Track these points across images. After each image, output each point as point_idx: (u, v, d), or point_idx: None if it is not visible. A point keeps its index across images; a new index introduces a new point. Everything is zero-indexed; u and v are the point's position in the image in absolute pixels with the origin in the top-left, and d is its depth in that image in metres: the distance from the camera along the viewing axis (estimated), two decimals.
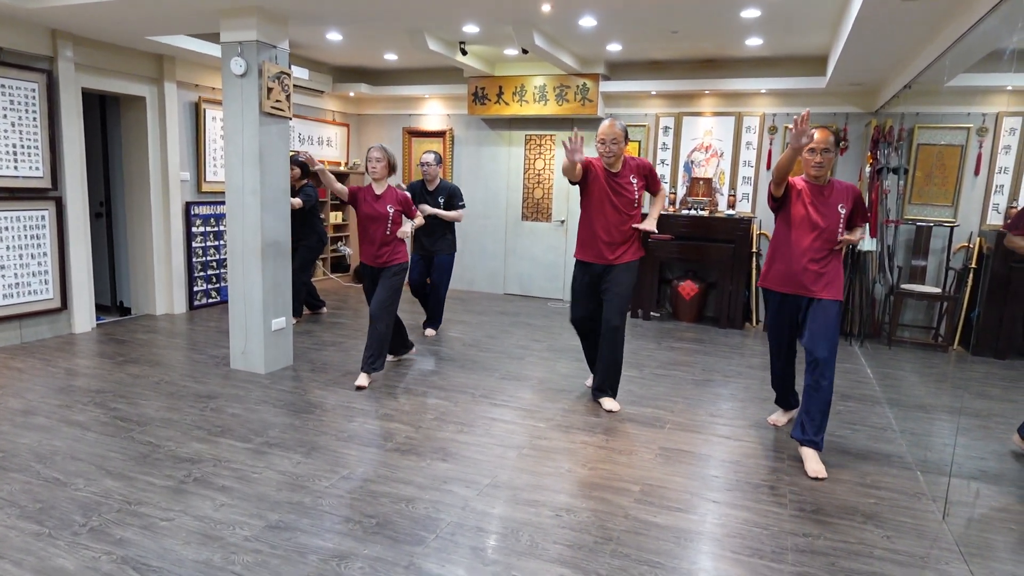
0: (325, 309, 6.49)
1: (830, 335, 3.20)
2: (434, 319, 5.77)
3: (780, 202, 3.36)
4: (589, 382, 4.29)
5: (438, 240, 5.49)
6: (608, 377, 4.00)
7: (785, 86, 6.22)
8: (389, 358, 4.81)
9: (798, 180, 3.36)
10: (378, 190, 4.24)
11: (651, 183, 3.96)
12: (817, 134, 3.14)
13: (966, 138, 5.93)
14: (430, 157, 5.43)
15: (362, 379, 4.27)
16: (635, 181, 3.87)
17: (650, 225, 3.89)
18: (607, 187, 3.84)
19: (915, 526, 2.75)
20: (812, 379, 3.21)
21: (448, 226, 5.53)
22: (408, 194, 4.37)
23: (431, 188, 5.47)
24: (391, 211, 4.21)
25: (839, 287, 3.29)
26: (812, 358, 3.21)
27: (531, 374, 4.71)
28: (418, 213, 4.42)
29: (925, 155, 6.09)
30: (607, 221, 3.85)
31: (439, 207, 5.40)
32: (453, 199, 5.46)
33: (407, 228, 4.28)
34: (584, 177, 3.84)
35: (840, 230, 3.29)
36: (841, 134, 3.25)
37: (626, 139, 3.85)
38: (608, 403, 4.00)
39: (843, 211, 3.28)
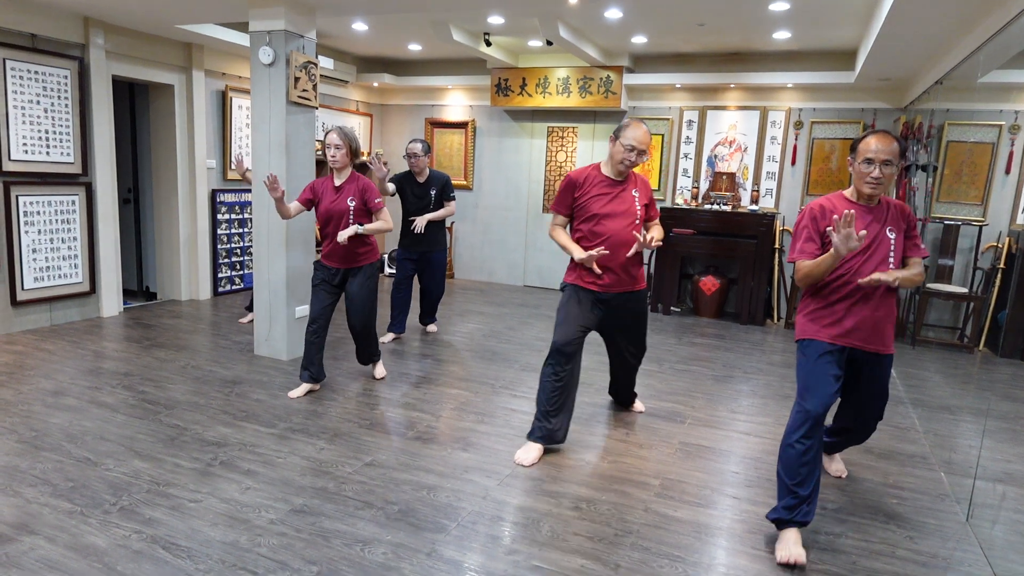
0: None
1: None
2: (432, 315, 5.51)
3: None
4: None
5: (432, 238, 5.06)
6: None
7: (812, 80, 6.14)
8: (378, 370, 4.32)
9: (830, 200, 2.62)
10: (338, 181, 3.77)
11: (651, 207, 3.38)
12: (877, 141, 2.46)
13: (997, 136, 5.82)
14: (417, 147, 4.88)
15: (378, 370, 4.27)
16: (637, 195, 3.27)
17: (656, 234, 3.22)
18: (612, 199, 3.23)
19: (938, 527, 2.73)
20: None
21: (441, 222, 5.11)
22: (370, 181, 3.83)
23: (420, 180, 4.98)
24: (351, 204, 3.73)
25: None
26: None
27: None
28: (353, 228, 3.74)
29: (955, 152, 5.99)
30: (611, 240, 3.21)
31: (430, 200, 4.97)
32: (446, 190, 5.03)
33: (347, 233, 3.67)
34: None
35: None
36: (904, 144, 2.53)
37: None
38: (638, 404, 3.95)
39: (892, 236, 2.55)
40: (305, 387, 3.92)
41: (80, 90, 5.11)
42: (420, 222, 4.85)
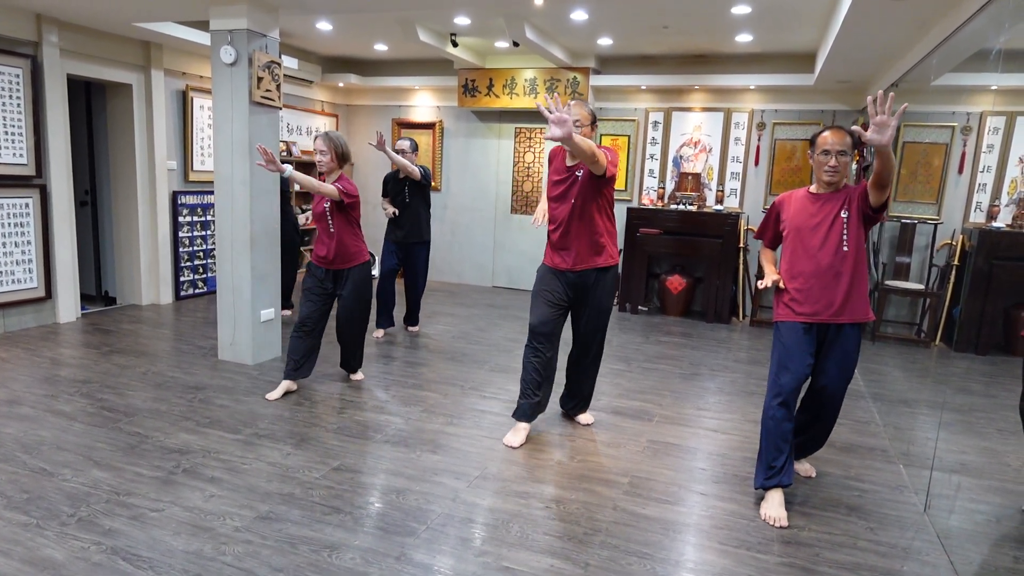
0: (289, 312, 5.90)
1: None
2: (415, 316, 5.55)
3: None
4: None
5: (414, 225, 5.18)
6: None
7: (774, 82, 6.26)
8: (358, 376, 4.31)
9: (793, 193, 2.91)
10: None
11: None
12: (832, 135, 2.71)
13: (951, 137, 6.00)
14: (406, 144, 5.09)
15: (358, 374, 4.28)
16: (580, 174, 3.25)
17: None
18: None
19: (898, 518, 2.81)
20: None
21: (424, 208, 5.24)
22: (347, 177, 3.85)
23: (400, 176, 5.13)
24: (326, 205, 3.80)
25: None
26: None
27: (520, 367, 4.71)
28: (286, 167, 3.68)
29: (910, 153, 6.16)
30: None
31: (406, 194, 5.11)
32: (426, 177, 5.17)
33: (286, 170, 3.63)
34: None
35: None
36: (856, 135, 2.75)
37: (593, 124, 3.26)
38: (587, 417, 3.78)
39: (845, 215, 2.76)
40: (284, 386, 3.90)
41: (33, 89, 4.95)
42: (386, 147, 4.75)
